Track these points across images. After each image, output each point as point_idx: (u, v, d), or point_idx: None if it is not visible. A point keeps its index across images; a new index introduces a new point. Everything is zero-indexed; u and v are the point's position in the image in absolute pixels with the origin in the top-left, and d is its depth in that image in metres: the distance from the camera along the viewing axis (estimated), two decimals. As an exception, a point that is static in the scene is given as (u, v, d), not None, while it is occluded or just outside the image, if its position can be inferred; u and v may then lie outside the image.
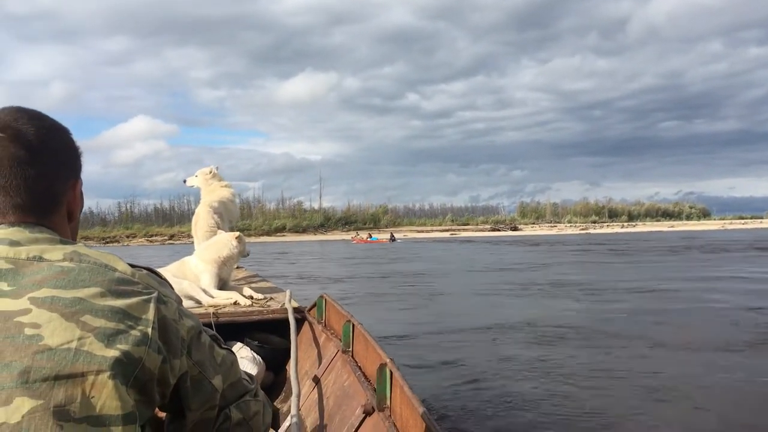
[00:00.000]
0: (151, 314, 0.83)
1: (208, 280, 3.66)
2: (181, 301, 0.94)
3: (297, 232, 75.71)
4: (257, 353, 3.15)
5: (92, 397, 0.74)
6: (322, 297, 3.31)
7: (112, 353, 0.76)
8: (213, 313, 3.27)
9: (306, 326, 3.44)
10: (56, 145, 0.91)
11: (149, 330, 0.81)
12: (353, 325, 2.62)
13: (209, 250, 3.75)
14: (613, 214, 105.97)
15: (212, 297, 3.57)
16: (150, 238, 68.70)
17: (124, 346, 0.77)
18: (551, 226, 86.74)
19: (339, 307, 2.97)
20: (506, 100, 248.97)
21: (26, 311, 0.76)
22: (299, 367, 2.79)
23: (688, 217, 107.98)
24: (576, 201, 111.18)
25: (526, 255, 27.02)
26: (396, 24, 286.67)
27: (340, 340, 2.74)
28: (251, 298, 3.70)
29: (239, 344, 3.19)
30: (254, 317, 3.37)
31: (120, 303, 0.81)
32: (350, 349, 2.62)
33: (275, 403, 3.02)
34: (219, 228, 4.51)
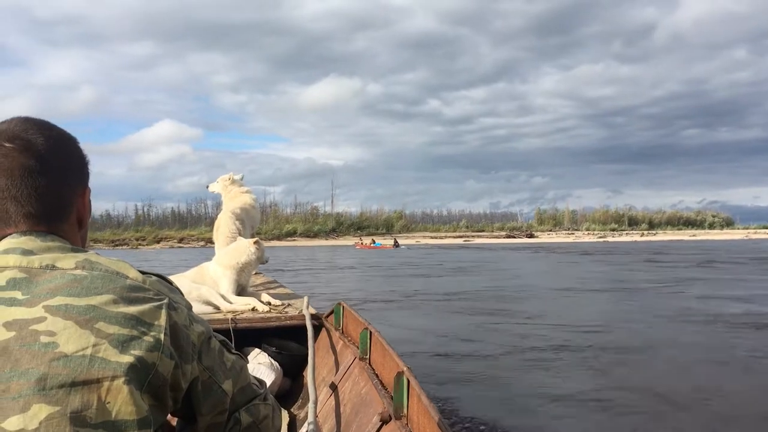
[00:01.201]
0: (162, 320, 0.85)
1: (226, 285, 3.76)
2: (191, 307, 0.97)
3: (308, 236, 75.94)
4: (275, 359, 3.24)
5: (108, 402, 0.76)
6: (339, 304, 3.39)
7: (127, 359, 0.78)
8: (231, 319, 3.36)
9: (323, 333, 3.52)
10: (65, 154, 0.94)
11: (161, 336, 0.83)
12: (371, 333, 2.67)
13: (228, 256, 3.85)
14: (633, 222, 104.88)
15: (230, 303, 3.67)
16: (159, 242, 69.30)
17: (137, 352, 0.80)
18: (568, 234, 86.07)
19: (356, 315, 3.04)
20: (527, 106, 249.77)
21: (41, 319, 0.78)
22: (316, 373, 2.85)
23: (711, 226, 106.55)
24: (597, 209, 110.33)
25: (528, 262, 27.21)
26: (418, 30, 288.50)
27: (358, 347, 2.79)
28: (269, 304, 3.79)
29: (257, 350, 3.28)
30: (272, 323, 3.46)
31: (132, 310, 0.83)
32: (367, 356, 2.67)
33: (292, 410, 3.10)
34: (240, 234, 4.61)
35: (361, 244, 56.39)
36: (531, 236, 79.67)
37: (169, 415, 1.00)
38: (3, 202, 0.88)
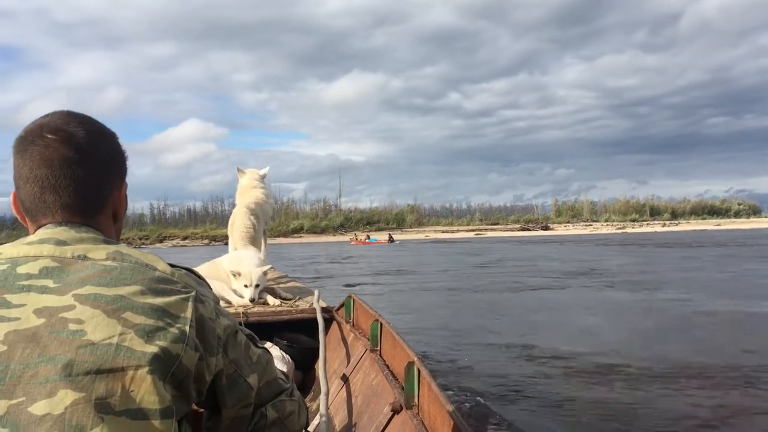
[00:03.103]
0: (189, 312, 0.88)
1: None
2: (218, 300, 1.00)
3: (315, 232, 76.09)
4: (286, 352, 3.36)
5: (132, 391, 0.79)
6: (350, 297, 3.49)
7: (151, 349, 0.81)
8: (243, 313, 3.47)
9: (334, 326, 3.62)
10: (105, 148, 0.98)
11: (187, 328, 0.86)
12: (381, 324, 2.76)
13: (233, 266, 3.91)
14: (655, 212, 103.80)
15: (242, 297, 3.80)
16: (162, 241, 69.75)
17: (162, 343, 0.83)
18: (586, 225, 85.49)
19: (367, 307, 3.13)
20: (549, 98, 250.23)
21: (71, 307, 0.82)
22: (328, 366, 2.94)
23: (737, 215, 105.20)
24: (619, 199, 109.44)
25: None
26: (438, 24, 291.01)
27: (368, 339, 2.88)
28: (280, 298, 3.92)
29: (269, 344, 3.39)
30: (283, 317, 3.56)
31: (159, 301, 0.86)
32: (378, 348, 2.76)
33: (304, 402, 3.22)
34: (255, 229, 4.71)
35: (356, 240, 56.42)
36: (546, 228, 79.21)
37: (197, 406, 1.05)
38: (42, 191, 0.92)
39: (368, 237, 57.04)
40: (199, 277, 1.01)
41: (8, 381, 0.77)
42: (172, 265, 0.95)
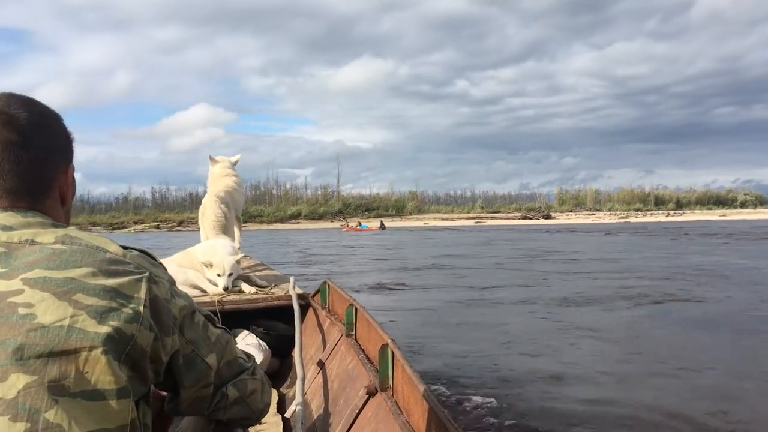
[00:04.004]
0: (142, 293, 0.88)
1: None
2: (174, 282, 1.00)
3: (313, 218, 76.18)
4: (263, 340, 3.38)
5: (86, 372, 0.79)
6: (325, 283, 3.51)
7: (105, 330, 0.81)
8: (218, 301, 3.49)
9: (310, 312, 3.65)
10: (48, 130, 0.96)
11: (141, 308, 0.87)
12: (356, 309, 2.79)
13: (205, 257, 3.90)
14: (660, 202, 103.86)
15: (216, 286, 3.81)
16: (158, 226, 69.80)
17: (115, 323, 0.83)
18: (588, 215, 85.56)
19: (342, 292, 3.15)
20: (557, 86, 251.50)
21: (19, 291, 0.81)
22: (304, 352, 2.98)
23: (743, 205, 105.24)
24: (624, 188, 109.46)
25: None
26: (446, 9, 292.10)
27: (344, 324, 2.91)
28: (256, 285, 3.94)
29: (245, 332, 3.41)
30: (259, 304, 3.58)
31: (111, 282, 0.86)
32: (354, 332, 2.78)
33: (281, 389, 3.24)
34: (226, 218, 4.71)
35: (347, 226, 56.60)
36: (548, 217, 79.25)
37: (160, 391, 1.07)
38: None
39: (359, 224, 57.19)
40: (154, 258, 1.01)
41: None
42: (124, 247, 0.95)
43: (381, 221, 59.13)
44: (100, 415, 0.81)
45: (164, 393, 1.08)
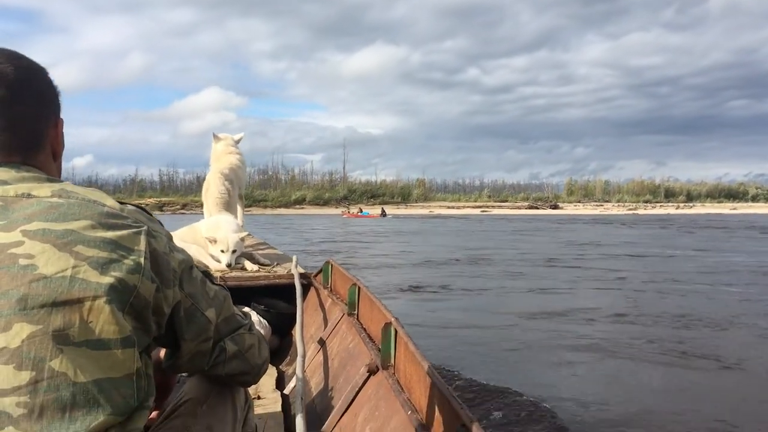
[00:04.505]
0: (142, 245, 0.89)
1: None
2: (171, 237, 1.01)
3: (318, 204, 76.26)
4: (263, 317, 3.39)
5: (90, 321, 0.81)
6: (328, 262, 3.52)
7: (107, 280, 0.83)
8: (220, 277, 3.51)
9: (312, 291, 3.67)
10: (36, 84, 0.96)
11: (141, 260, 0.88)
12: (359, 288, 2.80)
13: (210, 232, 3.92)
14: (670, 194, 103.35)
15: (219, 262, 3.82)
16: (162, 209, 70.02)
17: (118, 274, 0.84)
18: (597, 205, 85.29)
19: (344, 272, 3.16)
20: (569, 75, 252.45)
21: (19, 243, 0.82)
22: (305, 331, 2.99)
23: (754, 199, 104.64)
24: (635, 180, 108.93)
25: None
26: None
27: (346, 304, 2.92)
28: (258, 263, 3.95)
29: (246, 309, 3.43)
30: (261, 282, 3.61)
31: (111, 234, 0.87)
32: (355, 311, 2.80)
33: (281, 366, 3.26)
34: (230, 195, 4.74)
35: (348, 213, 56.79)
36: (555, 207, 79.04)
37: (156, 352, 1.09)
38: None
39: (360, 210, 57.40)
40: (150, 214, 1.01)
41: None
42: (120, 202, 0.96)
43: (382, 208, 59.23)
44: (105, 364, 0.82)
45: (162, 352, 1.10)
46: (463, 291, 9.78)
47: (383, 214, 54.72)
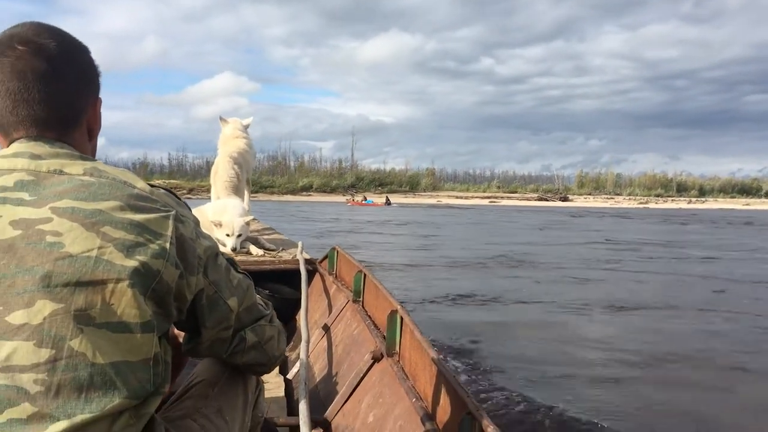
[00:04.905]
0: (169, 230, 0.90)
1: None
2: (198, 222, 1.02)
3: (325, 191, 76.30)
4: (268, 302, 3.40)
5: (112, 304, 0.82)
6: (334, 249, 3.51)
7: (132, 263, 0.83)
8: None
9: (317, 277, 3.67)
10: (77, 61, 0.97)
11: (167, 245, 0.88)
12: (364, 275, 2.80)
13: (216, 216, 3.93)
14: (682, 188, 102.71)
15: (224, 246, 3.82)
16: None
17: (142, 258, 0.85)
18: (607, 198, 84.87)
19: (350, 258, 3.16)
20: (584, 66, 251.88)
21: (48, 220, 0.83)
22: (309, 316, 3.00)
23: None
24: (647, 173, 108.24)
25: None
26: None
27: (351, 290, 2.93)
28: (263, 248, 3.95)
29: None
30: (266, 267, 3.62)
31: (139, 217, 0.87)
32: (361, 298, 2.81)
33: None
34: (239, 179, 4.76)
35: (353, 201, 56.96)
36: (565, 199, 78.57)
37: (177, 331, 1.11)
38: (14, 105, 0.92)
39: (365, 198, 57.56)
40: (178, 197, 1.01)
41: None
42: (151, 185, 0.96)
43: (387, 197, 59.28)
44: (124, 347, 0.83)
45: (180, 335, 1.11)
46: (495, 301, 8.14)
47: (387, 202, 54.85)
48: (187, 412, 1.11)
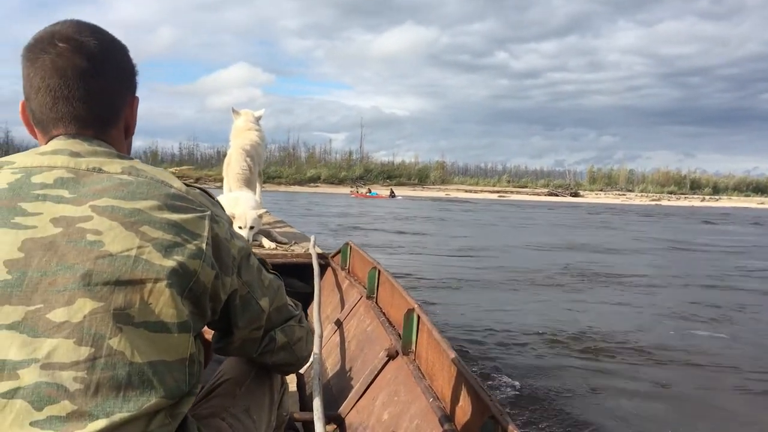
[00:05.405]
0: (205, 231, 0.91)
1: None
2: (231, 222, 1.03)
3: (332, 183, 76.33)
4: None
5: (150, 303, 0.83)
6: (347, 244, 3.51)
7: (170, 263, 0.84)
8: None
9: (329, 272, 3.68)
10: (116, 59, 0.99)
11: (204, 245, 0.89)
12: (379, 272, 2.79)
13: (228, 208, 3.97)
14: (696, 186, 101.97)
15: (237, 238, 3.85)
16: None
17: (180, 258, 0.86)
18: (619, 194, 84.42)
19: (364, 254, 3.15)
20: (599, 62, 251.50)
21: (88, 218, 0.84)
22: (321, 311, 3.02)
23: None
24: (661, 170, 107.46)
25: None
26: None
27: (364, 286, 2.93)
28: (276, 241, 3.97)
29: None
30: (278, 260, 3.62)
31: (176, 217, 0.89)
32: (374, 295, 2.80)
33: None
34: (251, 171, 4.78)
35: (357, 192, 57.04)
36: (576, 195, 78.25)
37: (206, 328, 1.10)
38: (54, 102, 0.93)
39: (369, 191, 57.68)
40: (213, 197, 1.03)
41: (25, 288, 0.80)
42: (186, 184, 0.97)
43: (391, 189, 59.39)
44: (161, 347, 0.84)
45: (209, 333, 1.11)
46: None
47: (392, 195, 54.90)
48: (215, 410, 1.12)
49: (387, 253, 11.97)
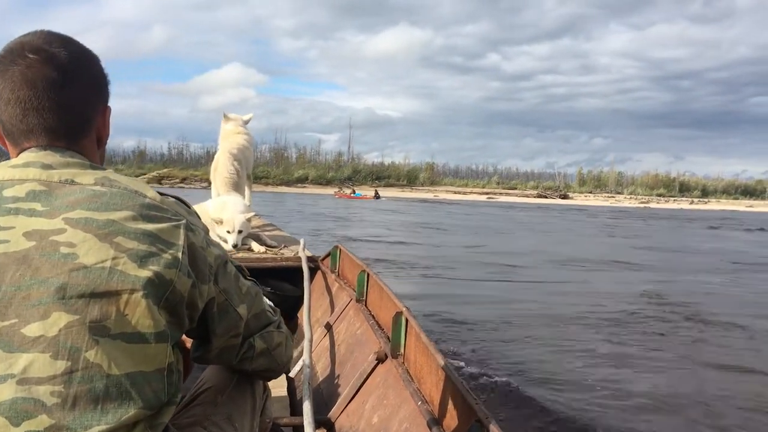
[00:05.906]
0: (181, 240, 0.91)
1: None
2: (207, 231, 1.03)
3: (320, 183, 76.14)
4: (269, 299, 3.43)
5: (126, 314, 0.83)
6: (336, 247, 3.54)
7: (145, 274, 0.85)
8: None
9: (319, 275, 3.70)
10: (87, 69, 0.99)
11: (179, 254, 0.90)
12: (368, 275, 2.81)
13: (216, 213, 3.97)
14: (685, 188, 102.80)
15: (226, 243, 3.85)
16: (160, 181, 70.06)
17: (156, 268, 0.86)
18: (608, 197, 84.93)
19: (354, 257, 3.17)
20: (591, 65, 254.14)
21: (61, 231, 0.84)
22: (311, 315, 3.04)
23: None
24: (650, 172, 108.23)
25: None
26: None
27: (354, 289, 2.94)
28: (265, 245, 3.99)
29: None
30: (268, 264, 3.65)
31: (151, 227, 0.89)
32: (364, 298, 2.82)
33: (285, 350, 3.31)
34: (239, 175, 4.78)
35: (341, 193, 56.92)
36: (565, 197, 78.64)
37: (184, 337, 1.10)
38: (24, 113, 0.93)
39: (353, 191, 57.52)
40: (188, 206, 1.03)
41: (0, 303, 0.80)
42: (161, 193, 0.98)
43: (375, 191, 59.24)
44: (138, 358, 0.85)
45: (188, 341, 1.12)
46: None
47: (376, 196, 54.83)
48: (197, 419, 1.13)
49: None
